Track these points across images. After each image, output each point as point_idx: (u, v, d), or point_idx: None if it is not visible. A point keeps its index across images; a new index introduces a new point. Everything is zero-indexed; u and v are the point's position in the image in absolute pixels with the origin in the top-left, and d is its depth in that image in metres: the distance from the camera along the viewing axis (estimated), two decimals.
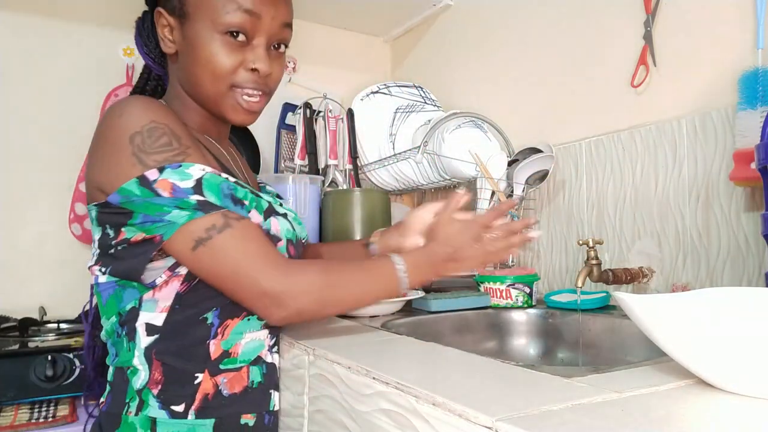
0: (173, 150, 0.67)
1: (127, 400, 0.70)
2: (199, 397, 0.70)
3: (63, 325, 1.38)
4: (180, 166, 0.66)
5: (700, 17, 1.02)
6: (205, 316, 0.71)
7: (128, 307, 0.70)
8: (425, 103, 1.64)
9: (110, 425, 0.70)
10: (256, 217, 0.72)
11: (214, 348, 0.72)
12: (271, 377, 0.77)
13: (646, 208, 1.09)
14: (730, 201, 0.95)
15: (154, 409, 0.69)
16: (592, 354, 0.98)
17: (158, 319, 0.70)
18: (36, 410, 1.12)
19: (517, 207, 1.27)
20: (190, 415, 0.69)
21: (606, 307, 1.06)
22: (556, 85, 1.32)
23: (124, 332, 0.71)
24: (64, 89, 1.62)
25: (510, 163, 1.32)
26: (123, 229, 0.68)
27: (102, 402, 0.74)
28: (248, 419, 0.73)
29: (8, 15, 1.55)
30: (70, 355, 1.17)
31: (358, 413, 0.60)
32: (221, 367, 0.72)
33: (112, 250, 0.70)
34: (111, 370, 0.74)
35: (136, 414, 0.69)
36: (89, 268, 0.74)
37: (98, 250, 0.72)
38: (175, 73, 0.80)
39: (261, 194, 0.77)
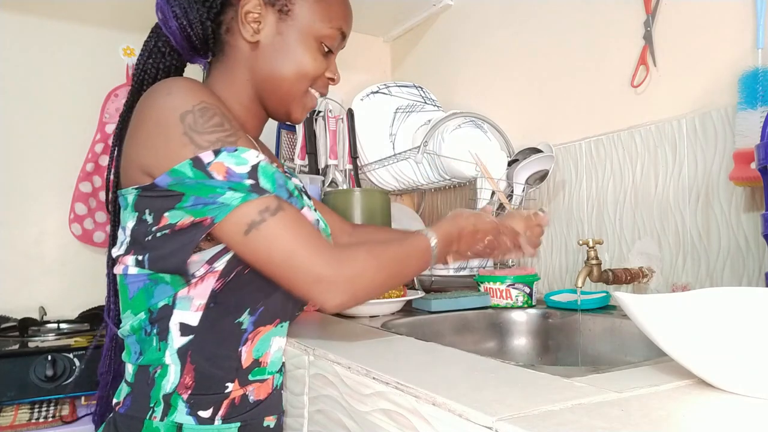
0: (225, 131, 0.65)
1: (152, 404, 0.67)
2: (226, 403, 0.69)
3: (63, 325, 1.38)
4: (236, 150, 0.64)
5: (700, 17, 1.02)
6: (239, 320, 0.70)
7: (160, 304, 0.67)
8: (425, 103, 1.64)
9: (129, 429, 0.67)
10: (308, 212, 0.72)
11: (246, 356, 0.70)
12: (284, 380, 0.78)
13: (646, 208, 1.09)
14: (730, 201, 0.95)
15: (181, 415, 0.67)
16: (592, 354, 0.98)
17: (193, 318, 0.67)
18: (36, 410, 1.12)
19: (516, 207, 1.27)
20: (217, 421, 0.68)
21: (606, 307, 1.06)
22: (556, 85, 1.32)
23: (154, 331, 0.68)
24: (64, 89, 1.62)
25: (510, 163, 1.32)
26: (166, 215, 0.64)
27: (118, 403, 0.70)
28: (270, 421, 0.73)
29: (8, 15, 1.55)
30: (70, 355, 1.17)
31: (358, 413, 0.60)
32: (250, 377, 0.71)
33: (149, 238, 0.66)
34: (131, 369, 0.70)
35: (162, 419, 0.66)
36: (117, 257, 0.70)
37: (129, 239, 0.68)
38: (242, 62, 0.77)
39: (304, 194, 0.77)
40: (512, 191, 1.29)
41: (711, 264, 0.98)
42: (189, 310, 0.67)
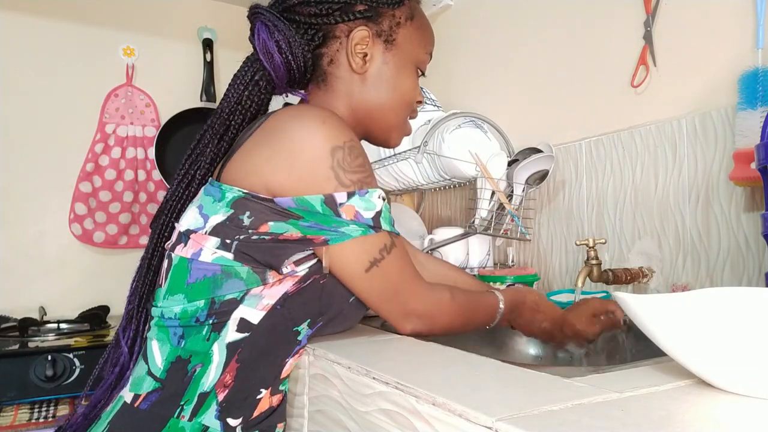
0: (366, 172, 0.67)
1: (183, 402, 0.65)
2: (255, 414, 0.68)
3: (63, 325, 1.38)
4: (367, 192, 0.66)
5: (700, 17, 1.02)
6: (298, 328, 0.69)
7: (228, 297, 0.65)
8: (425, 103, 1.64)
9: (147, 426, 0.64)
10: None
11: (288, 367, 0.70)
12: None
13: (646, 208, 1.09)
14: (730, 201, 0.95)
15: (210, 417, 0.65)
16: (593, 354, 0.98)
17: (255, 316, 0.66)
18: (36, 410, 1.13)
19: (516, 207, 1.27)
20: (239, 430, 0.67)
21: None
22: (556, 85, 1.32)
23: (210, 321, 0.65)
24: (65, 89, 1.62)
25: (510, 163, 1.32)
26: (270, 224, 0.64)
27: (136, 397, 0.66)
28: (280, 428, 0.73)
29: (9, 15, 1.56)
30: (70, 355, 1.17)
31: (358, 413, 0.60)
32: (281, 387, 0.71)
33: (241, 237, 0.64)
34: (161, 361, 0.66)
35: (190, 419, 0.64)
36: (194, 232, 0.66)
37: (209, 229, 0.65)
38: (346, 92, 0.78)
39: None
40: (512, 191, 1.29)
41: (711, 264, 0.98)
42: (254, 308, 0.66)
